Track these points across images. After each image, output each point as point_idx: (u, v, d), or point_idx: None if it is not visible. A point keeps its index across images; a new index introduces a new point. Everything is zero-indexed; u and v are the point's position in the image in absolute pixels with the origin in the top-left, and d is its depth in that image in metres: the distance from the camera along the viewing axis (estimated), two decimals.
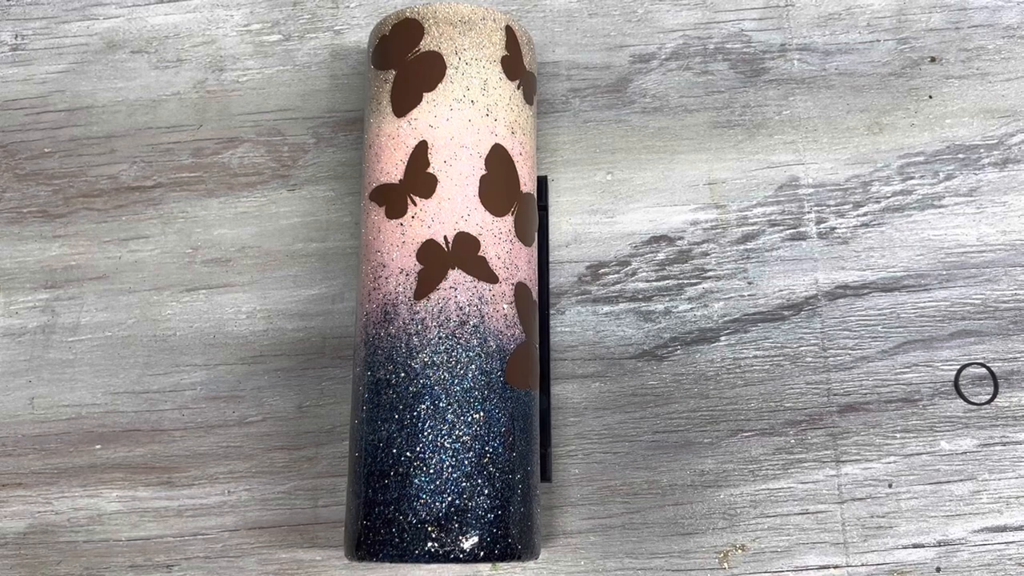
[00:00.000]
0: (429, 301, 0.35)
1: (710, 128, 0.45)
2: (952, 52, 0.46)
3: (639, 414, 0.42)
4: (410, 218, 0.36)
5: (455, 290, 0.36)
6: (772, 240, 0.44)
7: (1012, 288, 0.43)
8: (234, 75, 0.47)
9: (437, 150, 0.37)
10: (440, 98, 0.37)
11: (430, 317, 0.35)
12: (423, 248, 0.36)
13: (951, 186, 0.44)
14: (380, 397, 0.35)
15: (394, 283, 0.36)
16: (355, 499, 0.35)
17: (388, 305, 0.36)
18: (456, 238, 0.36)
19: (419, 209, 0.36)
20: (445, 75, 0.37)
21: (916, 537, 0.40)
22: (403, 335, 0.35)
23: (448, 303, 0.35)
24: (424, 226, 0.36)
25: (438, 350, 0.35)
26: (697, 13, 0.47)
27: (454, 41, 0.38)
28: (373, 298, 0.37)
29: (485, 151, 0.37)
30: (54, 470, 0.42)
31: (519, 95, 0.39)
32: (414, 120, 0.37)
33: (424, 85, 0.37)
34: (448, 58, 0.38)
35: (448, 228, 0.36)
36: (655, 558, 0.40)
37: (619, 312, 0.43)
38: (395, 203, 0.37)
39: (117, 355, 0.43)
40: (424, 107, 0.37)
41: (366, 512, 0.34)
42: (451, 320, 0.35)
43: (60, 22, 0.49)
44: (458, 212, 0.36)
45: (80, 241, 0.45)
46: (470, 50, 0.38)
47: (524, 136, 0.39)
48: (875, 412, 0.41)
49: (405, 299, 0.36)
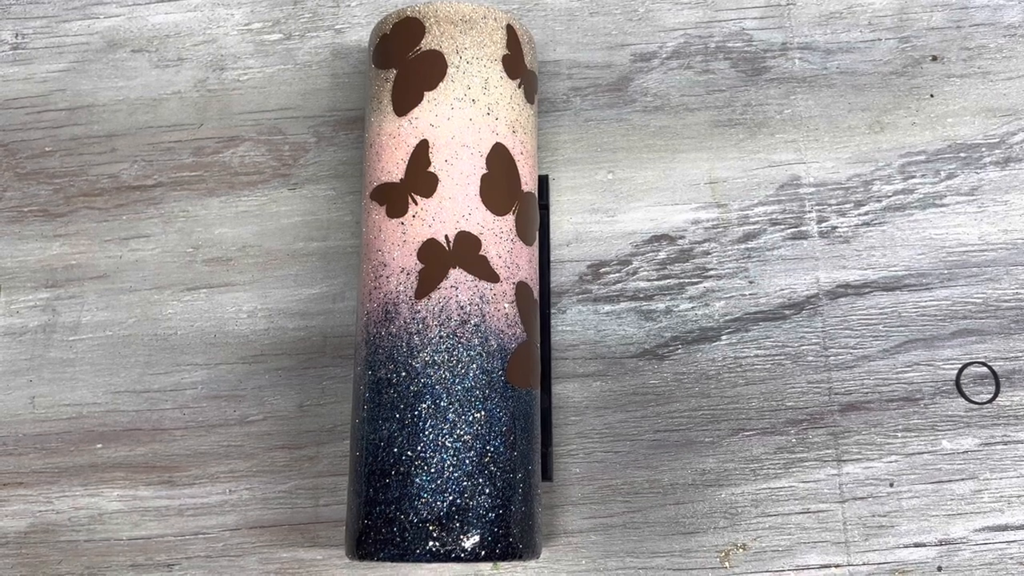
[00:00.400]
0: (430, 300, 0.35)
1: (711, 127, 0.45)
2: (953, 51, 0.46)
3: (640, 413, 0.42)
4: (411, 217, 0.36)
5: (456, 289, 0.36)
6: (773, 239, 0.44)
7: (1014, 287, 0.43)
8: (235, 74, 0.47)
9: (438, 149, 0.37)
10: (441, 97, 0.37)
11: (431, 316, 0.35)
12: (424, 247, 0.36)
13: (952, 185, 0.44)
14: (381, 396, 0.35)
15: (395, 282, 0.36)
16: (356, 498, 0.35)
17: (389, 304, 0.36)
18: (457, 237, 0.36)
19: (420, 208, 0.36)
20: (446, 74, 0.37)
21: (917, 536, 0.40)
22: (404, 334, 0.35)
23: (449, 302, 0.35)
24: (425, 225, 0.36)
25: (439, 349, 0.35)
26: (698, 12, 0.47)
27: (455, 40, 0.38)
28: (374, 297, 0.36)
29: (486, 150, 0.37)
30: (55, 469, 0.42)
31: (520, 94, 0.39)
32: (415, 119, 0.37)
33: (425, 84, 0.37)
34: (449, 57, 0.38)
35: (449, 227, 0.36)
36: (656, 557, 0.40)
37: (620, 311, 0.43)
38: (396, 202, 0.37)
39: (118, 354, 0.43)
40: (425, 106, 0.37)
41: (367, 511, 0.34)
42: (452, 319, 0.35)
43: (61, 21, 0.49)
44: (459, 211, 0.36)
45: (81, 240, 0.45)
46: (471, 49, 0.38)
47: (525, 135, 0.39)
48: (876, 411, 0.41)
49: (406, 298, 0.36)
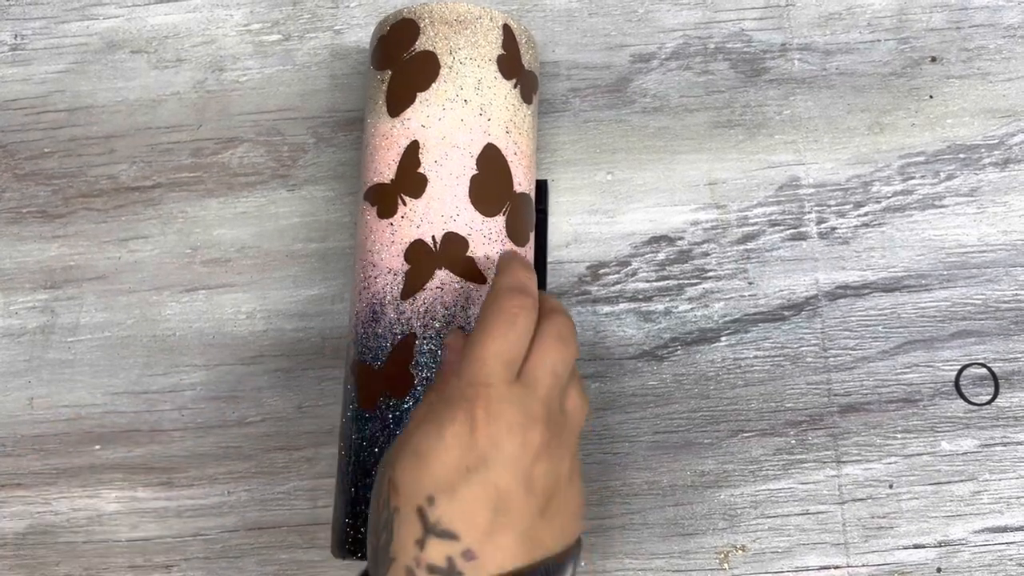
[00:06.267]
0: (415, 301, 0.35)
1: (710, 128, 0.45)
2: (953, 52, 0.46)
3: (639, 414, 0.42)
4: (399, 218, 0.36)
5: (441, 290, 0.35)
6: (772, 240, 0.44)
7: (1013, 288, 0.43)
8: (234, 75, 0.47)
9: (428, 150, 0.37)
10: (433, 97, 0.37)
11: (416, 317, 0.35)
12: (411, 248, 0.36)
13: (952, 186, 0.44)
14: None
15: (382, 283, 0.36)
16: (340, 496, 0.35)
17: (376, 304, 0.36)
18: (444, 238, 0.36)
19: (408, 209, 0.36)
20: (439, 74, 0.37)
21: (917, 537, 0.40)
22: (389, 334, 0.35)
23: (435, 303, 0.35)
24: (413, 226, 0.36)
25: (423, 350, 0.35)
26: (697, 13, 0.47)
27: (449, 40, 0.38)
28: (363, 297, 0.37)
29: (477, 151, 0.37)
30: (53, 470, 0.42)
31: (515, 94, 0.39)
32: (407, 120, 0.37)
33: (418, 85, 0.37)
34: (442, 57, 0.37)
35: (436, 228, 0.36)
36: (655, 558, 0.40)
37: (619, 312, 0.43)
38: (386, 203, 0.37)
39: (116, 355, 0.43)
40: (417, 107, 0.37)
41: (350, 510, 0.34)
42: (437, 320, 0.35)
43: (60, 22, 0.49)
44: (447, 212, 0.36)
45: (79, 241, 0.45)
46: (465, 49, 0.38)
47: (520, 135, 0.39)
48: (876, 412, 0.41)
49: (392, 299, 0.36)
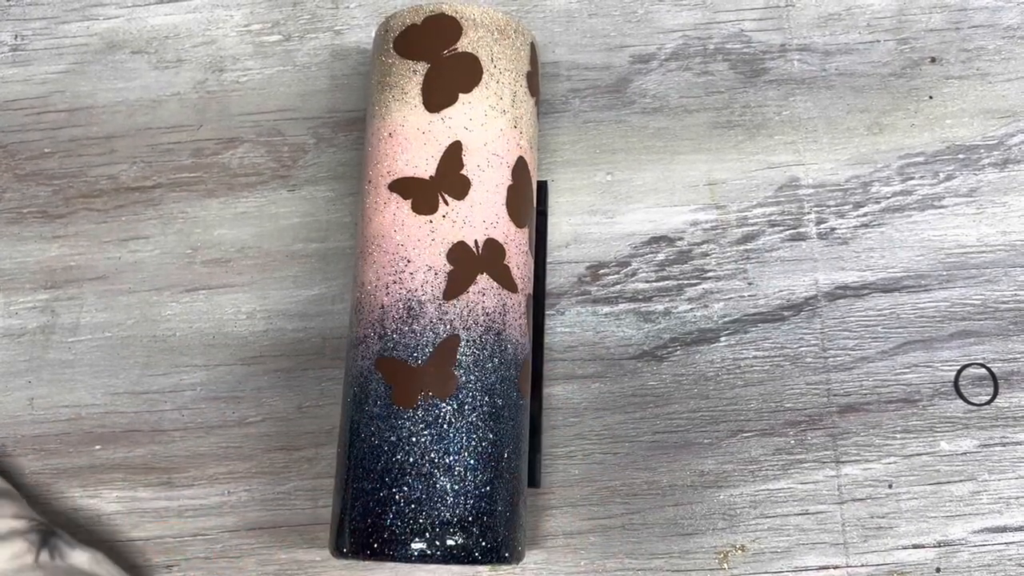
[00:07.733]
0: (458, 303, 0.35)
1: (710, 128, 0.45)
2: (952, 52, 0.46)
3: (639, 415, 0.42)
4: (441, 216, 0.36)
5: (483, 295, 0.36)
6: (772, 240, 0.44)
7: (1012, 288, 0.43)
8: (234, 75, 0.47)
9: (471, 153, 0.37)
10: (476, 101, 0.37)
11: (459, 319, 0.35)
12: (454, 249, 0.36)
13: (951, 186, 0.44)
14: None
15: (420, 279, 0.35)
16: (345, 494, 0.35)
17: (413, 301, 0.35)
18: (485, 243, 0.36)
19: (451, 209, 0.36)
20: (481, 80, 0.37)
21: (916, 538, 0.40)
22: (430, 333, 0.35)
23: (476, 307, 0.35)
24: (455, 227, 0.36)
25: (466, 352, 0.35)
26: (697, 13, 0.47)
27: (491, 48, 0.38)
28: (392, 292, 0.36)
29: (512, 161, 0.38)
30: (53, 471, 0.42)
31: (535, 112, 0.40)
32: (448, 119, 0.37)
33: (460, 85, 0.37)
34: (484, 63, 0.38)
35: (479, 233, 0.36)
36: (655, 559, 0.40)
37: (619, 312, 0.43)
38: (424, 198, 0.36)
39: (117, 355, 0.43)
40: (459, 108, 0.37)
41: (361, 508, 0.34)
42: (479, 324, 0.35)
43: (60, 22, 0.49)
44: (488, 218, 0.36)
45: (80, 241, 0.45)
46: (503, 60, 0.38)
47: (535, 152, 0.40)
48: (875, 413, 0.41)
49: (433, 297, 0.35)
